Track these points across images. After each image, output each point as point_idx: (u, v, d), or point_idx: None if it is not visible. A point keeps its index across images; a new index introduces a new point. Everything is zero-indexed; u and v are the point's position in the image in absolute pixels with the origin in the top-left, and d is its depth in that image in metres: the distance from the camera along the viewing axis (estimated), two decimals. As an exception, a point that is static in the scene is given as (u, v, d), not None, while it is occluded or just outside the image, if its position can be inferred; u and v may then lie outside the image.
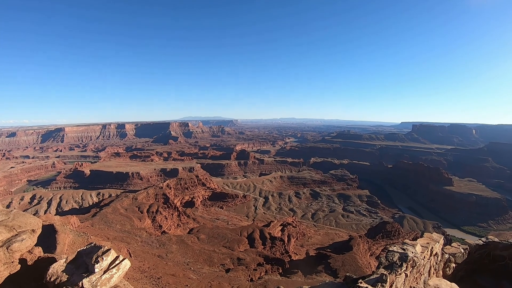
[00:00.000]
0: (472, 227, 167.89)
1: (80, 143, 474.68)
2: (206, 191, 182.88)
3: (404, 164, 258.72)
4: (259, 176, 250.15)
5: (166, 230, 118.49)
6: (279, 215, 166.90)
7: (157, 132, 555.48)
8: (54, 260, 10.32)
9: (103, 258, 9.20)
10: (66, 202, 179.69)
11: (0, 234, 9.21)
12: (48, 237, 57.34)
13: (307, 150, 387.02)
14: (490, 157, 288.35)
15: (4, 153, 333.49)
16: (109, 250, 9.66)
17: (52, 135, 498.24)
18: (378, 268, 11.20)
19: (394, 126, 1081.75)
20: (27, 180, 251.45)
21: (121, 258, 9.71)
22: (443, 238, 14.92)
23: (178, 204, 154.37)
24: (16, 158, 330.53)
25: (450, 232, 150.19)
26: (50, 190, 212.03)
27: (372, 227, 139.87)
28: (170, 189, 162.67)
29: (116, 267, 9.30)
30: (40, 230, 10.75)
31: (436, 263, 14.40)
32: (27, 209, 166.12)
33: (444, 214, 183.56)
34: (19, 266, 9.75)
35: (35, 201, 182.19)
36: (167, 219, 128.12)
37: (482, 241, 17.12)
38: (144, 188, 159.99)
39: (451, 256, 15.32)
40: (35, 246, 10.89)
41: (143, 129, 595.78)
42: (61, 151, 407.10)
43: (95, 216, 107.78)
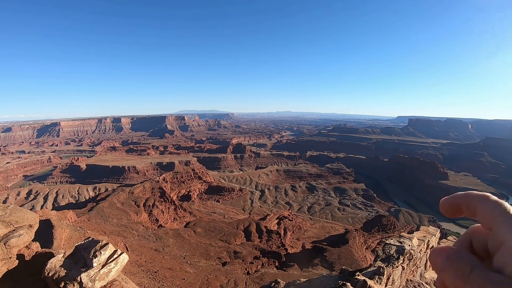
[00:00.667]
0: (467, 221, 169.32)
1: (76, 138, 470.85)
2: (202, 185, 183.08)
3: (400, 158, 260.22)
4: (256, 170, 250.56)
5: (163, 224, 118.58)
6: (275, 209, 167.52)
7: (153, 125, 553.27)
8: (51, 255, 10.31)
9: (101, 253, 9.20)
10: (63, 196, 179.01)
11: (-3, 229, 9.17)
12: (45, 232, 57.30)
13: (303, 143, 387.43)
14: (485, 152, 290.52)
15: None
16: (107, 244, 9.65)
17: (47, 129, 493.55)
18: (375, 261, 11.31)
19: (390, 120, 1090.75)
20: (23, 175, 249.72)
21: (119, 252, 9.72)
22: (439, 231, 15.07)
23: (175, 197, 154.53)
24: (12, 153, 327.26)
25: (445, 226, 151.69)
26: (46, 185, 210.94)
27: (368, 221, 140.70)
28: (167, 182, 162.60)
29: (114, 261, 9.31)
30: (37, 225, 10.72)
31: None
32: (24, 204, 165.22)
33: (440, 208, 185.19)
34: (17, 261, 9.72)
35: (32, 196, 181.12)
36: (163, 212, 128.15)
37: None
38: (141, 182, 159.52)
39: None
40: (32, 241, 10.87)
41: (139, 122, 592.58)
42: (57, 145, 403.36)
43: (91, 211, 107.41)
